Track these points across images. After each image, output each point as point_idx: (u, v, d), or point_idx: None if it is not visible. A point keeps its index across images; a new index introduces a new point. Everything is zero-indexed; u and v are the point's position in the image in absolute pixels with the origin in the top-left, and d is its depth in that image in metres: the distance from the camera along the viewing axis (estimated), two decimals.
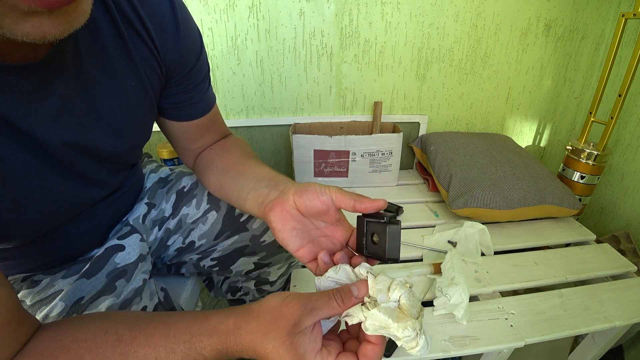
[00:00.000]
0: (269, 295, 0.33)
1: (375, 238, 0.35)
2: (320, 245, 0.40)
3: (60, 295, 0.42)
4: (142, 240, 0.51)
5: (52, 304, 0.41)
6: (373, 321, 0.30)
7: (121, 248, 0.48)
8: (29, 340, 0.31)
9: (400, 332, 0.29)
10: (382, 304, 0.31)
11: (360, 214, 0.37)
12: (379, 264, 0.38)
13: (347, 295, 0.32)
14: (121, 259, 0.47)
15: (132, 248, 0.49)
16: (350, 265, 0.36)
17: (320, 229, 0.40)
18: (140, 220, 0.55)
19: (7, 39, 0.23)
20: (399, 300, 0.31)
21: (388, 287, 0.32)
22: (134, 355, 0.30)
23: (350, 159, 1.05)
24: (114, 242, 0.49)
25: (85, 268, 0.45)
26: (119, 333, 0.31)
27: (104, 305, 0.42)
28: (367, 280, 0.33)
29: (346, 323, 0.34)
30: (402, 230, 0.91)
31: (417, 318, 0.30)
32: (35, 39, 0.23)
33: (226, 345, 0.31)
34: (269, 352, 0.29)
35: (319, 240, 0.40)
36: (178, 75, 0.46)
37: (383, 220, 0.34)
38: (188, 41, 0.45)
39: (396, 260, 0.34)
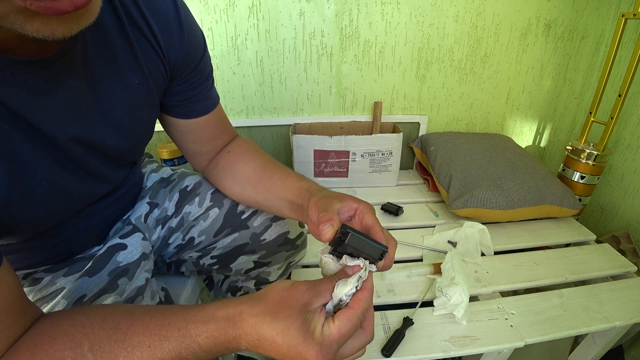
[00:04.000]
0: (273, 283, 0.34)
1: (354, 254, 0.36)
2: None
3: (62, 293, 0.42)
4: (144, 239, 0.52)
5: (54, 301, 0.41)
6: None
7: (123, 247, 0.49)
8: (31, 326, 0.32)
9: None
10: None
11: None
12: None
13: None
14: (123, 257, 0.48)
15: (134, 247, 0.49)
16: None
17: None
18: (142, 220, 0.55)
19: (19, 33, 0.23)
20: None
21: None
22: (128, 342, 0.30)
23: (350, 159, 1.05)
24: (116, 240, 0.49)
25: (87, 266, 0.45)
26: (116, 321, 0.32)
27: (106, 302, 0.43)
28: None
29: None
30: (403, 230, 0.92)
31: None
32: (44, 36, 0.24)
33: (224, 332, 0.31)
34: (279, 332, 0.30)
35: None
36: (182, 74, 0.47)
37: (340, 241, 0.35)
38: (192, 41, 0.46)
39: (385, 249, 0.36)
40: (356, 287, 0.33)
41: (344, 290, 0.33)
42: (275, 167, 0.54)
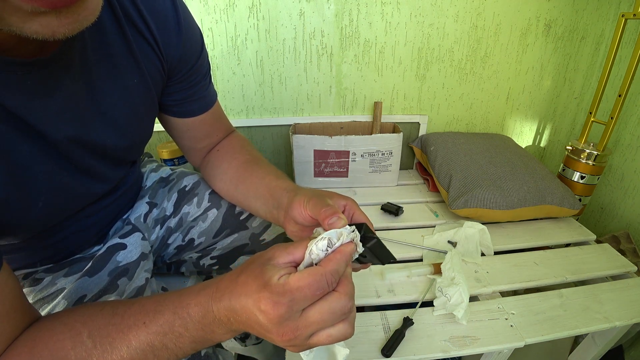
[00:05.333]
0: None
1: (364, 255, 0.35)
2: None
3: (63, 294, 0.42)
4: (143, 239, 0.52)
5: (55, 302, 0.41)
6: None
7: (123, 247, 0.49)
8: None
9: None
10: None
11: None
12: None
13: None
14: (123, 257, 0.48)
15: (133, 247, 0.49)
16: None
17: None
18: (142, 219, 0.55)
19: (16, 34, 0.23)
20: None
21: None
22: (125, 324, 0.31)
23: (350, 159, 1.05)
24: (115, 240, 0.49)
25: (87, 266, 0.45)
26: (114, 307, 0.32)
27: None
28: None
29: None
30: (403, 230, 0.92)
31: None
32: (44, 37, 0.23)
33: (210, 299, 0.30)
34: (240, 285, 0.29)
35: None
36: (180, 73, 0.47)
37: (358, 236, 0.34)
38: (189, 40, 0.45)
39: (395, 259, 0.34)
40: (331, 246, 0.31)
41: (316, 243, 0.30)
42: (256, 166, 0.53)
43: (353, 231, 0.32)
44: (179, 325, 0.30)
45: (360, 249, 0.33)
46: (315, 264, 0.30)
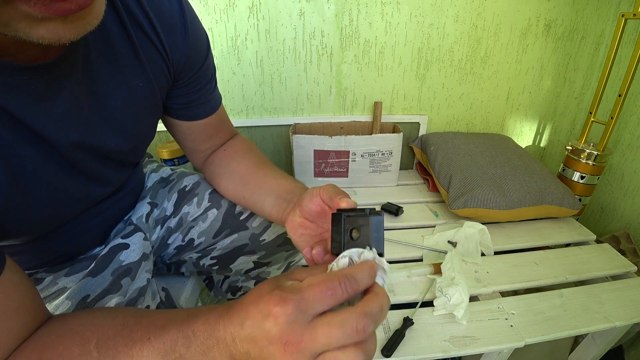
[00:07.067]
0: None
1: (354, 234, 0.33)
2: (329, 245, 0.41)
3: (66, 294, 0.42)
4: (145, 239, 0.52)
5: (57, 301, 0.41)
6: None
7: (126, 246, 0.48)
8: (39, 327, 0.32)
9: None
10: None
11: (336, 211, 0.35)
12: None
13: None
14: (126, 256, 0.47)
15: (136, 246, 0.49)
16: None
17: (328, 230, 0.42)
18: (144, 220, 0.55)
19: (21, 39, 0.23)
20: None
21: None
22: (132, 337, 0.30)
23: (350, 159, 1.05)
24: (118, 240, 0.49)
25: (90, 267, 0.45)
26: (126, 317, 0.32)
27: (110, 304, 0.43)
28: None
29: None
30: (403, 230, 0.93)
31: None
32: (50, 42, 0.23)
33: (217, 319, 0.28)
34: (252, 294, 0.28)
35: (327, 242, 0.41)
36: (186, 76, 0.47)
37: (364, 213, 0.32)
38: (196, 42, 0.45)
39: (381, 254, 0.32)
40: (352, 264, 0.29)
41: (337, 261, 0.29)
42: (269, 168, 0.55)
43: (376, 254, 0.30)
44: (181, 344, 0.29)
45: (387, 268, 0.31)
46: None
